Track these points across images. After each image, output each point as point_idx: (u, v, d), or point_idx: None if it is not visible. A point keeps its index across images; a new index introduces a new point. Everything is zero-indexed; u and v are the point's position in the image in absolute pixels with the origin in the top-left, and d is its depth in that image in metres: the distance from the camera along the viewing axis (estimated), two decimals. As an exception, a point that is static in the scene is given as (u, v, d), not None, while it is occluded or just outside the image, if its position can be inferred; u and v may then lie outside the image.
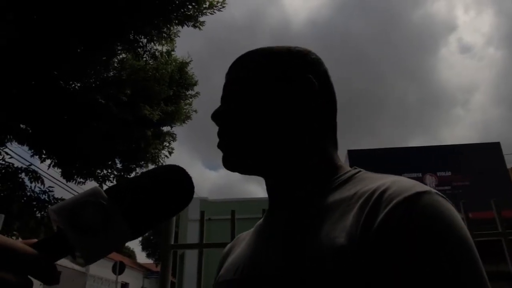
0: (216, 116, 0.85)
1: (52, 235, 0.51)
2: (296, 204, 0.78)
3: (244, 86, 0.84)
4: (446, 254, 0.54)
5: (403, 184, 0.63)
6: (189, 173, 0.62)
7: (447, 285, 0.52)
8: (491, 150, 10.78)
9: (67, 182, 9.45)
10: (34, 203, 8.38)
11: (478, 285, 0.53)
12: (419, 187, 0.61)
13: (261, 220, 0.90)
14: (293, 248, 0.68)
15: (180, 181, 0.60)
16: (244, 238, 0.94)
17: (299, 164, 0.81)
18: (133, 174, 9.72)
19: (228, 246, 1.01)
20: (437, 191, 0.62)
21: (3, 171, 8.26)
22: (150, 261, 37.69)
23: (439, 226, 0.56)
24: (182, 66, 10.27)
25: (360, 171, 0.79)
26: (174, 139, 10.54)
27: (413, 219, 0.56)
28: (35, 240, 0.51)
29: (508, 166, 10.74)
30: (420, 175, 10.37)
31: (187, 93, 10.57)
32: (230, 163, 0.83)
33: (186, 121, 10.54)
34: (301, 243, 0.67)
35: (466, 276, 0.53)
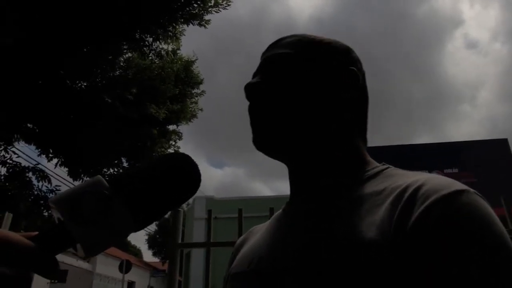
0: (250, 88, 0.82)
1: (53, 227, 0.50)
2: (320, 195, 0.76)
3: (284, 63, 0.82)
4: (484, 257, 0.52)
5: (439, 181, 0.60)
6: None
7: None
8: (499, 146, 10.70)
9: (74, 181, 9.47)
10: (41, 202, 8.41)
11: None
12: (457, 185, 0.59)
13: (279, 211, 0.88)
14: (316, 240, 0.66)
15: (185, 168, 0.58)
16: (259, 230, 0.92)
17: (326, 152, 0.79)
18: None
19: (241, 238, 0.98)
20: (475, 191, 0.60)
21: (11, 170, 8.30)
22: (156, 259, 37.80)
23: (478, 227, 0.54)
24: (188, 64, 10.26)
25: (389, 167, 0.78)
26: (180, 138, 10.55)
27: (451, 218, 0.55)
28: (35, 232, 0.49)
29: (516, 162, 10.65)
30: (426, 172, 10.28)
31: (193, 91, 10.57)
32: (258, 143, 0.82)
33: (192, 120, 10.54)
34: (325, 235, 0.65)
35: (501, 281, 0.51)
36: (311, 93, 0.79)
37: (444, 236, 0.53)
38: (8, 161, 8.39)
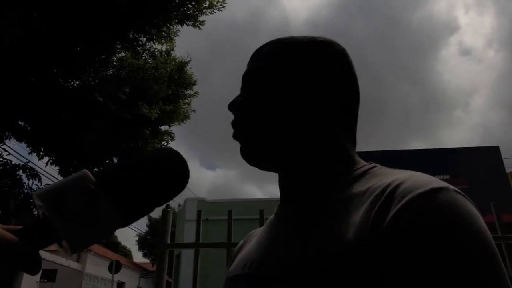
0: (233, 106, 0.83)
1: (37, 222, 0.48)
2: (308, 199, 0.75)
3: (262, 76, 0.81)
4: (462, 256, 0.50)
5: (418, 179, 0.59)
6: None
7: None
8: (490, 153, 10.75)
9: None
10: (31, 200, 8.35)
11: None
12: (435, 182, 0.57)
13: (273, 215, 0.88)
14: (301, 244, 0.66)
15: (173, 164, 0.57)
16: (256, 234, 0.93)
17: (314, 158, 0.78)
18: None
19: (241, 242, 1.00)
20: (455, 188, 0.58)
21: (1, 167, 8.24)
22: (146, 260, 37.73)
23: (455, 225, 0.52)
24: (181, 65, 10.24)
25: (375, 166, 0.77)
26: (172, 139, 10.52)
27: (426, 217, 0.53)
28: (17, 227, 0.47)
29: (508, 170, 10.72)
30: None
31: (186, 92, 10.54)
32: (248, 156, 0.81)
33: (184, 121, 10.52)
34: (310, 238, 0.65)
35: (479, 282, 0.49)
36: (290, 103, 0.78)
37: (417, 235, 0.52)
38: (-1, 158, 8.34)
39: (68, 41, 7.00)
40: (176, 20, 7.97)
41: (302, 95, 0.78)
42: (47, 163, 9.09)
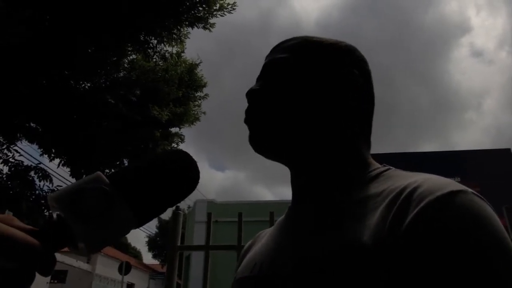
0: (250, 94, 0.83)
1: (52, 224, 0.49)
2: (321, 199, 0.75)
3: (284, 68, 0.82)
4: (483, 261, 0.49)
5: (435, 182, 0.58)
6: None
7: None
8: (502, 156, 10.66)
9: (75, 181, 9.48)
10: (43, 201, 8.43)
11: None
12: (453, 185, 0.57)
13: (283, 216, 0.87)
14: (313, 245, 0.65)
15: (184, 165, 0.58)
16: (265, 235, 0.92)
17: (327, 158, 0.78)
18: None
19: (248, 243, 0.98)
20: (473, 191, 0.58)
21: (13, 169, 8.32)
22: (156, 262, 37.79)
23: (475, 228, 0.52)
24: (192, 67, 10.28)
25: (389, 168, 0.76)
26: (182, 140, 10.56)
27: (445, 220, 0.52)
28: (32, 227, 0.48)
29: (519, 173, 10.61)
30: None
31: (196, 94, 10.58)
32: (256, 144, 0.81)
33: (194, 123, 10.55)
34: (323, 240, 0.64)
35: (498, 284, 0.48)
36: (307, 97, 0.78)
37: (436, 239, 0.51)
38: (11, 160, 8.42)
39: (78, 43, 7.04)
40: (187, 23, 8.02)
41: (320, 93, 0.79)
42: (58, 165, 9.18)
